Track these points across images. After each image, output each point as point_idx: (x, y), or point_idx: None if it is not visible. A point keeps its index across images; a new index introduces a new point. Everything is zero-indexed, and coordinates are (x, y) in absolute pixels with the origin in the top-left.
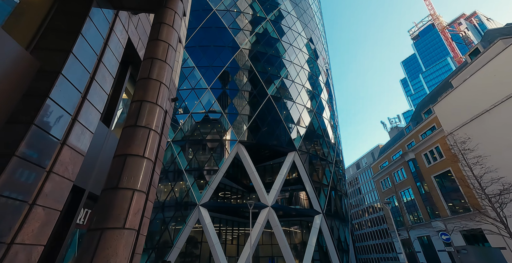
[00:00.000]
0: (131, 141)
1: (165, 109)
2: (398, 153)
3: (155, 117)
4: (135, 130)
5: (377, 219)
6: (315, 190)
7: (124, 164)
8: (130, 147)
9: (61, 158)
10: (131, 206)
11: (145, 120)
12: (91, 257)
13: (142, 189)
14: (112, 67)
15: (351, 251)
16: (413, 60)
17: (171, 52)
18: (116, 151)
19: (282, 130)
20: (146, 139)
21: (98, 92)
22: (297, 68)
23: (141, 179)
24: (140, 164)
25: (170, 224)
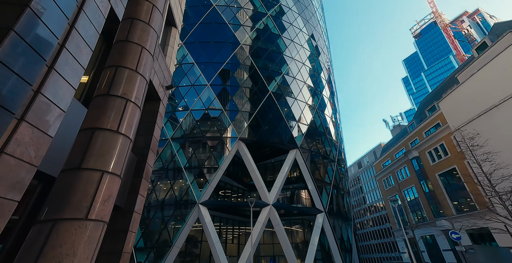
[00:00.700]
0: (101, 112)
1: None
2: (401, 151)
3: (135, 87)
4: (108, 100)
5: (379, 218)
6: (317, 188)
7: (91, 139)
8: (99, 119)
9: (18, 137)
10: (99, 192)
11: (122, 89)
12: (35, 259)
13: (116, 172)
14: (90, 37)
15: (354, 251)
16: (415, 58)
17: (157, 16)
18: (82, 124)
19: (284, 128)
20: (122, 111)
21: (70, 64)
22: (299, 65)
23: (114, 159)
24: (113, 141)
25: (169, 223)
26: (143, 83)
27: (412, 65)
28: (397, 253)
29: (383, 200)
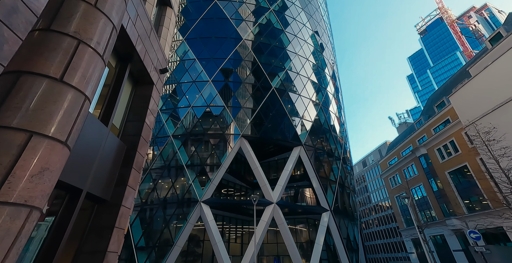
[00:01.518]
0: (36, 51)
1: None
2: (408, 148)
3: (95, 28)
4: (48, 38)
5: (385, 217)
6: (322, 186)
7: (14, 86)
8: (32, 60)
9: None
10: (22, 162)
11: (73, 25)
12: None
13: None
14: None
15: (361, 251)
16: (420, 55)
17: None
18: (6, 66)
19: (287, 125)
20: (70, 55)
21: None
22: (302, 60)
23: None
24: (54, 93)
25: (171, 221)
26: (108, 28)
27: (417, 63)
28: (404, 253)
29: (389, 199)
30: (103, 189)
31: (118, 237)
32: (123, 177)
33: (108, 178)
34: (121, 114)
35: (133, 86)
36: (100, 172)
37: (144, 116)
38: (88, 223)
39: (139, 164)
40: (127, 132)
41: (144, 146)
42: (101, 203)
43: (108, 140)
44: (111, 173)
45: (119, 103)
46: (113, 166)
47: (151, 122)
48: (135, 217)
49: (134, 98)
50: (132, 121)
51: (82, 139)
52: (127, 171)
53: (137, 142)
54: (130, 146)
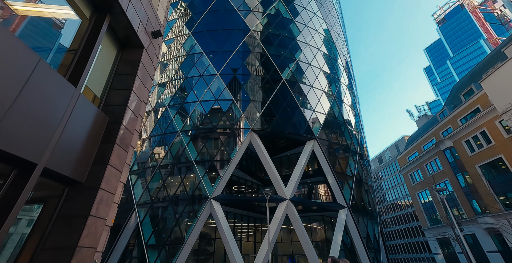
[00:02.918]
0: None
1: None
2: (431, 142)
3: None
4: None
5: (404, 216)
6: (338, 182)
7: None
8: None
9: None
10: None
11: None
12: None
13: None
14: None
15: (382, 251)
16: (438, 46)
17: None
18: None
19: (299, 117)
20: None
21: None
22: (314, 50)
23: None
24: None
25: (181, 219)
26: None
27: (435, 54)
28: (427, 253)
29: (408, 197)
30: (75, 168)
31: (96, 228)
32: (103, 154)
33: (82, 155)
34: (103, 81)
35: (119, 50)
36: (68, 145)
37: (131, 84)
38: (54, 211)
39: (125, 140)
40: (110, 101)
41: (133, 120)
42: (72, 185)
43: (80, 105)
44: (87, 149)
45: (101, 69)
46: (89, 140)
47: (141, 92)
48: (145, 215)
49: (120, 64)
50: (117, 89)
51: (36, 94)
52: (108, 147)
53: (122, 113)
54: (113, 118)
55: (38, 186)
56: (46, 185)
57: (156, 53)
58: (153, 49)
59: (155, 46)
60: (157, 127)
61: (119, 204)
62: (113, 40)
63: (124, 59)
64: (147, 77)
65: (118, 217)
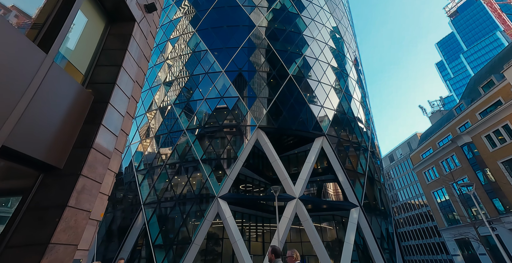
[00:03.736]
0: None
1: None
2: (447, 137)
3: None
4: None
5: (418, 216)
6: (349, 180)
7: None
8: None
9: None
10: None
11: None
12: None
13: None
14: None
15: (397, 252)
16: (451, 40)
17: None
18: None
19: (307, 114)
20: None
21: None
22: (321, 45)
23: None
24: None
25: (188, 218)
26: None
27: (447, 48)
28: (444, 255)
29: (422, 196)
30: (50, 151)
31: (77, 222)
32: (86, 136)
33: (60, 136)
34: (88, 57)
35: (108, 23)
36: (39, 123)
37: (120, 60)
38: (24, 201)
39: (114, 122)
40: (96, 78)
41: (123, 101)
42: (48, 171)
43: (54, 76)
44: (65, 129)
45: (86, 43)
46: (68, 119)
47: (132, 70)
48: (151, 214)
49: (108, 39)
50: (104, 66)
51: None
52: (92, 129)
53: (109, 91)
54: (99, 97)
55: (3, 172)
56: (14, 170)
57: (151, 30)
58: (147, 25)
59: (149, 22)
60: (163, 126)
61: (126, 204)
62: (100, 12)
63: (113, 33)
64: (140, 55)
65: (126, 217)
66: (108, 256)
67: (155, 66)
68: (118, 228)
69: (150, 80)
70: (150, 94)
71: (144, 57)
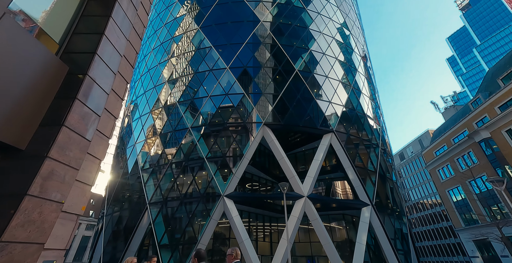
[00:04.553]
0: None
1: None
2: (462, 133)
3: None
4: None
5: (431, 216)
6: (360, 177)
7: None
8: None
9: None
10: None
11: None
12: None
13: None
14: None
15: (412, 253)
16: (463, 34)
17: None
18: None
19: (315, 110)
20: None
21: None
22: (328, 39)
23: None
24: None
25: (194, 218)
26: None
27: (459, 43)
28: (461, 257)
29: (436, 195)
30: (8, 128)
31: (43, 215)
32: (57, 112)
33: (20, 110)
34: (63, 24)
35: None
36: None
37: (103, 28)
38: None
39: (96, 99)
40: (73, 47)
41: (106, 75)
42: (5, 152)
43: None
44: (29, 103)
45: (62, 8)
46: (33, 92)
47: (119, 42)
48: (157, 214)
49: (88, 4)
50: (82, 33)
51: None
52: (65, 104)
53: (87, 62)
54: (76, 68)
55: None
56: None
57: (141, 1)
58: None
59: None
60: (167, 125)
61: (132, 204)
62: None
63: None
64: (129, 27)
65: (132, 217)
66: (117, 255)
67: (159, 65)
68: (124, 228)
69: (155, 79)
70: (155, 93)
71: (134, 32)
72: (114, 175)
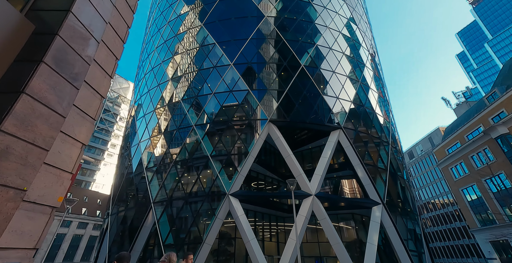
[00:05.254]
0: None
1: None
2: (477, 129)
3: None
4: None
5: (444, 216)
6: (370, 175)
7: None
8: None
9: None
10: None
11: None
12: None
13: None
14: None
15: (426, 254)
16: (473, 29)
17: None
18: None
19: (321, 106)
20: None
21: None
22: (335, 34)
23: None
24: None
25: (199, 217)
26: None
27: (470, 38)
28: (475, 258)
29: (448, 194)
30: None
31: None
32: (17, 76)
33: None
34: None
35: None
36: None
37: None
38: None
39: (68, 66)
40: (41, 5)
41: (85, 40)
42: None
43: None
44: None
45: None
46: None
47: (103, 6)
48: (161, 213)
49: None
50: None
51: None
52: (27, 68)
53: (59, 20)
54: (44, 27)
55: None
56: None
57: None
58: None
59: None
60: (172, 123)
61: (137, 203)
62: None
63: None
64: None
65: (137, 216)
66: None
67: (163, 63)
68: (129, 227)
69: (158, 77)
70: (159, 91)
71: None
72: (119, 175)
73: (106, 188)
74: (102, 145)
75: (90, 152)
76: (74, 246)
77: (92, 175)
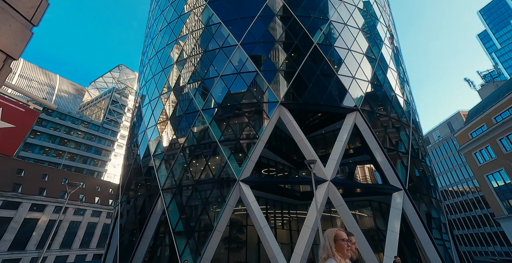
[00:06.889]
0: None
1: None
2: (507, 110)
3: None
4: None
5: (463, 203)
6: (390, 159)
7: None
8: None
9: None
10: None
11: None
12: None
13: None
14: None
15: (451, 242)
16: (497, 5)
17: None
18: None
19: (336, 87)
20: None
21: None
22: (350, 8)
23: None
24: None
25: (208, 204)
26: None
27: (493, 15)
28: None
29: (468, 181)
30: None
31: None
32: None
33: None
34: None
35: None
36: None
37: None
38: None
39: None
40: None
41: None
42: None
43: None
44: None
45: None
46: None
47: None
48: (170, 200)
49: None
50: None
51: None
52: None
53: None
54: None
55: None
56: None
57: None
58: None
59: None
60: (178, 108)
61: (146, 190)
62: None
63: None
64: None
65: (145, 204)
66: (132, 243)
67: (167, 46)
68: (138, 215)
69: (163, 62)
70: (164, 76)
71: None
72: (128, 163)
73: (117, 178)
74: (112, 136)
75: (101, 143)
76: (90, 233)
77: (103, 166)
